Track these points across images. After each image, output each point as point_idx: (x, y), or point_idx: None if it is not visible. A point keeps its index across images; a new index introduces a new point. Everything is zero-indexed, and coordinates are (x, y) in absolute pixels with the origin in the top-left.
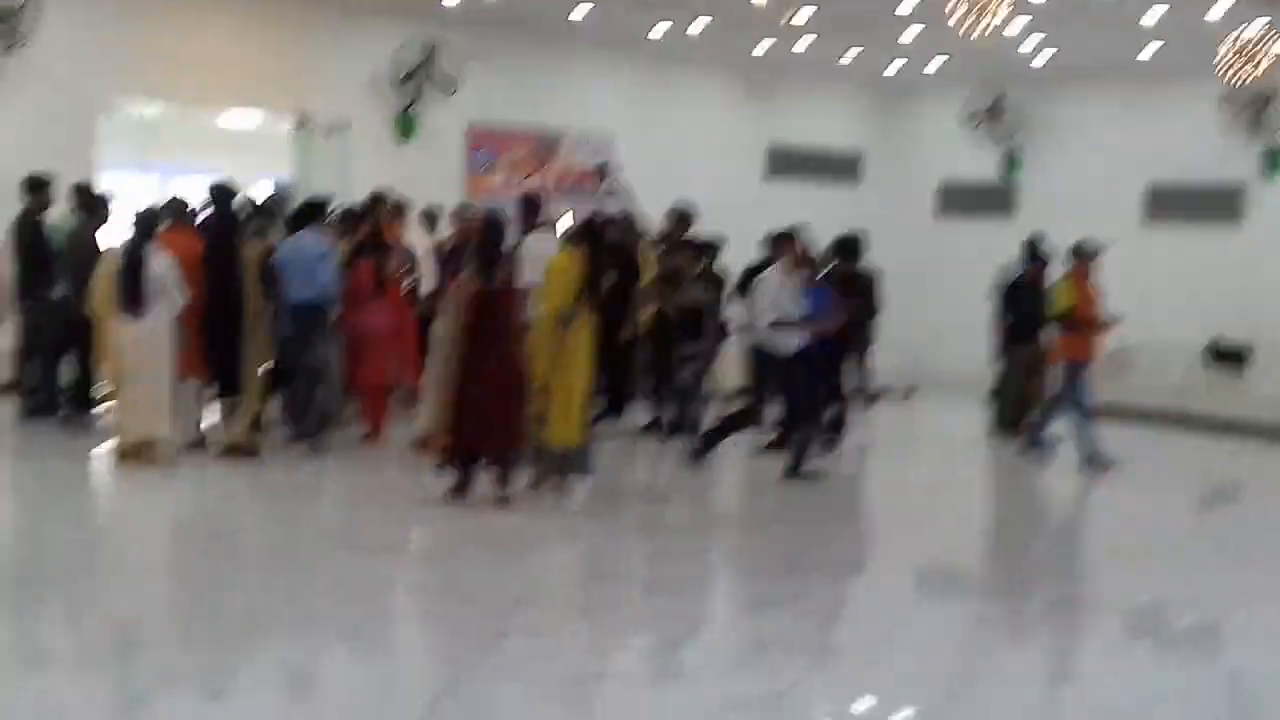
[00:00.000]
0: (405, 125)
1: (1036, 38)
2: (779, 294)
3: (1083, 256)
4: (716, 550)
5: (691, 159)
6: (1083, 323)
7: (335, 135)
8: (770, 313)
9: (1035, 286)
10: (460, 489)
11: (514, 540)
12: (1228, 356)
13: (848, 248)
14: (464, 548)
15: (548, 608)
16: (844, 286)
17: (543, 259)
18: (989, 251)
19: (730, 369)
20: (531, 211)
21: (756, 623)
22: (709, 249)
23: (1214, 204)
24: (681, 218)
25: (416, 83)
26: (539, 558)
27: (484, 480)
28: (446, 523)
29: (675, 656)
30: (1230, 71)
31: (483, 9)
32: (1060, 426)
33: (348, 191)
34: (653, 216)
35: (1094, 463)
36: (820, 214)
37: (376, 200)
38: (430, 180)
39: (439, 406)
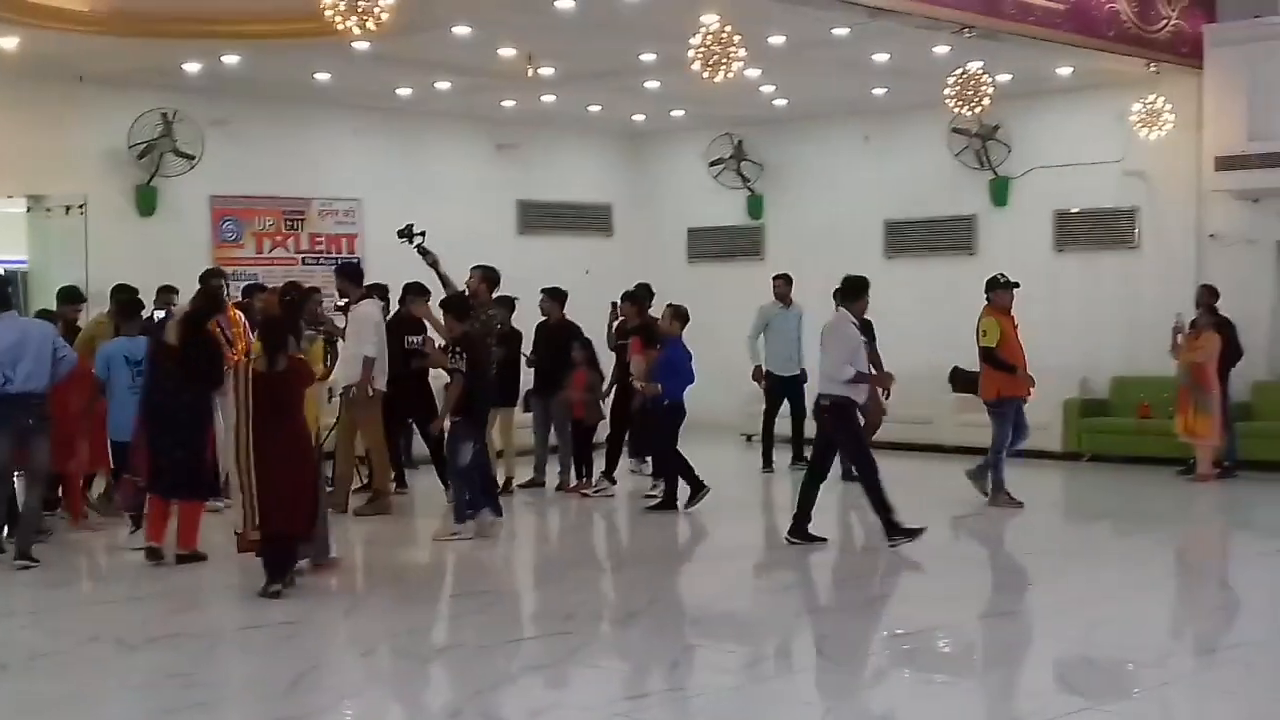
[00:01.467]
0: (147, 199)
1: (772, 86)
2: (857, 345)
3: (999, 289)
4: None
5: (444, 216)
6: (1010, 360)
7: (72, 213)
8: (851, 366)
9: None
10: (278, 578)
11: (286, 623)
12: (965, 383)
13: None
14: (235, 634)
15: (325, 689)
16: None
17: (370, 324)
18: (743, 293)
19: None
20: (354, 278)
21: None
22: (507, 303)
23: (951, 235)
24: (486, 275)
25: (156, 155)
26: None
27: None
28: (200, 614)
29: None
30: (957, 107)
31: (222, 77)
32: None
33: (89, 269)
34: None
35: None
36: (575, 265)
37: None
38: (176, 254)
39: (243, 495)
